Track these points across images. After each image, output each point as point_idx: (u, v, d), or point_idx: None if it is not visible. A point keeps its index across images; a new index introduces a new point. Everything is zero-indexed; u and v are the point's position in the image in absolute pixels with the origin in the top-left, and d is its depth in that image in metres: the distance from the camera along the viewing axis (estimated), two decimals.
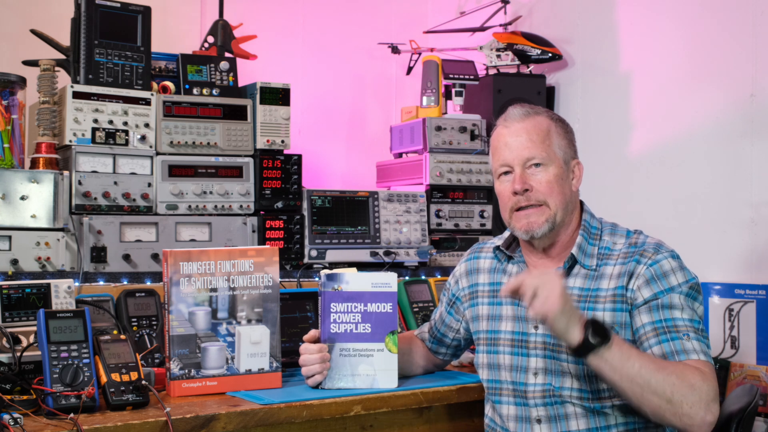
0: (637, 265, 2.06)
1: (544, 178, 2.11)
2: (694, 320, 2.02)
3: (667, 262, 2.06)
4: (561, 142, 2.15)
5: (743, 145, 3.08)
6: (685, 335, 1.99)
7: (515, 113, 2.17)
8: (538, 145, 2.12)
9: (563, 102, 3.81)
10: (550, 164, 2.12)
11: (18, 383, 2.05)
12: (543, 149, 2.12)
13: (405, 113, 3.77)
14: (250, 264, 2.26)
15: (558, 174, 2.12)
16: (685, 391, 1.88)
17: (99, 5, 2.88)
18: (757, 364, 2.94)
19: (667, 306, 2.02)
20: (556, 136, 2.14)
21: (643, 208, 3.39)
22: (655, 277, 2.05)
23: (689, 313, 2.02)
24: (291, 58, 4.04)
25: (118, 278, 2.75)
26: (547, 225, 2.11)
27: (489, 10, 3.93)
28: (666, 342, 2.00)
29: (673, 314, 2.02)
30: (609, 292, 2.08)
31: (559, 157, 2.13)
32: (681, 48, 3.32)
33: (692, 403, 1.88)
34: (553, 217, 2.12)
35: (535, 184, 2.11)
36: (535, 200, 2.12)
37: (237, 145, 3.08)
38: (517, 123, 2.15)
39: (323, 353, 2.20)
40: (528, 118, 2.15)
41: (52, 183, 2.70)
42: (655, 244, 2.11)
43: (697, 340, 2.00)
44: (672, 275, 2.05)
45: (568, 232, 2.17)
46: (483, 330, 2.26)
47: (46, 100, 2.80)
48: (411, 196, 3.34)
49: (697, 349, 1.98)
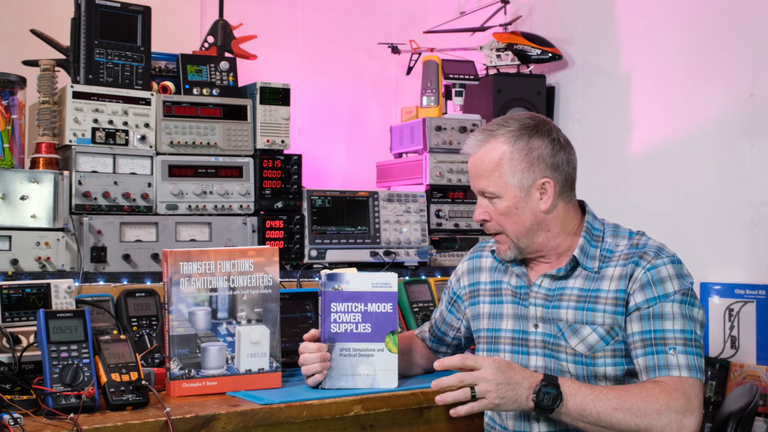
0: (636, 268, 2.06)
1: (497, 209, 2.12)
2: (687, 330, 2.00)
3: (665, 268, 2.04)
4: (516, 168, 2.08)
5: (743, 145, 3.08)
6: (672, 349, 1.98)
7: (470, 143, 2.16)
8: (487, 179, 2.11)
9: (563, 102, 3.81)
10: (501, 195, 2.11)
11: (18, 383, 2.05)
12: (491, 183, 2.11)
13: (405, 113, 3.77)
14: (250, 264, 2.26)
15: (510, 205, 2.10)
16: (651, 419, 1.91)
17: (99, 5, 2.88)
18: (757, 364, 2.94)
19: (658, 316, 2.02)
20: (508, 164, 2.08)
21: (642, 208, 3.39)
22: (651, 282, 2.04)
23: (681, 323, 2.00)
24: (291, 58, 4.04)
25: (118, 278, 2.75)
26: (510, 252, 2.15)
27: (489, 10, 3.94)
28: (651, 355, 2.00)
29: (664, 325, 2.01)
30: (610, 294, 2.08)
31: (513, 186, 2.09)
32: (681, 48, 3.32)
33: (662, 427, 1.91)
34: (514, 244, 2.14)
35: (492, 214, 2.14)
36: (492, 230, 2.16)
37: (237, 145, 3.08)
38: (472, 152, 2.15)
39: (323, 353, 2.20)
40: (481, 147, 2.13)
41: (52, 183, 2.70)
42: (657, 248, 2.09)
43: (685, 353, 1.98)
44: (669, 282, 2.03)
45: (556, 243, 2.15)
46: (484, 329, 2.27)
47: (46, 100, 2.80)
48: (411, 196, 3.34)
49: (681, 364, 1.97)
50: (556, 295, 2.14)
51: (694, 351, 1.99)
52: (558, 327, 2.11)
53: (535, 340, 2.15)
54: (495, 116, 3.48)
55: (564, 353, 2.09)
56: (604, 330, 2.06)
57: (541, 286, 2.16)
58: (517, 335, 2.18)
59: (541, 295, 2.16)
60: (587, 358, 2.07)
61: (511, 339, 2.19)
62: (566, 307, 2.11)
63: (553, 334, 2.12)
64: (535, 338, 2.15)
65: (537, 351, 2.14)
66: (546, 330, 2.13)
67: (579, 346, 2.07)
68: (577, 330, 2.08)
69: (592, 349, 2.06)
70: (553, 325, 2.12)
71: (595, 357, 2.06)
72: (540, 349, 2.14)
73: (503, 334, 2.21)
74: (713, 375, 2.99)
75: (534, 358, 2.14)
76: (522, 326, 2.18)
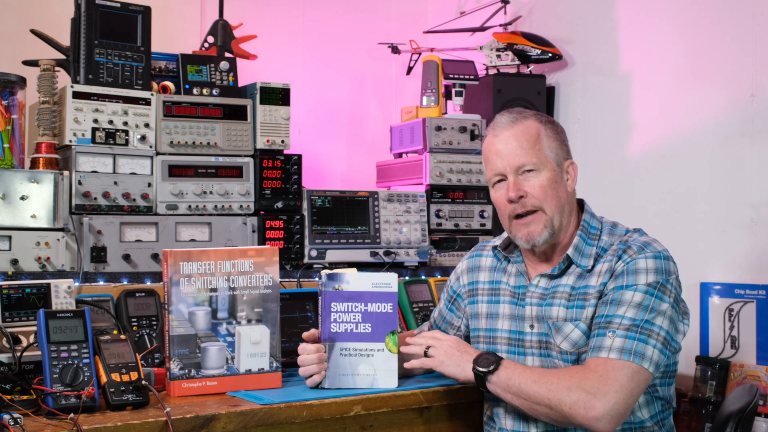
0: (618, 261, 2.07)
1: (537, 183, 2.11)
2: (638, 318, 1.97)
3: (644, 261, 2.04)
4: (552, 145, 2.14)
5: (743, 145, 3.08)
6: (612, 332, 1.98)
7: (503, 121, 2.16)
8: (528, 151, 2.11)
9: (563, 102, 3.81)
10: (542, 169, 2.11)
11: (18, 383, 2.05)
12: (533, 154, 2.11)
13: (405, 113, 3.77)
14: (250, 264, 2.26)
15: (551, 178, 2.11)
16: (561, 395, 1.94)
17: (99, 5, 2.88)
18: (757, 364, 2.94)
19: (615, 302, 2.02)
20: (546, 139, 2.13)
21: (643, 208, 3.39)
22: (624, 272, 2.04)
23: (635, 311, 1.98)
24: (291, 58, 4.04)
25: (118, 278, 2.75)
26: (546, 232, 2.12)
27: (489, 10, 3.94)
28: (593, 337, 2.02)
29: (617, 311, 2.00)
30: (595, 290, 2.08)
31: (551, 160, 2.12)
32: (681, 48, 3.32)
33: (570, 404, 1.92)
34: (551, 222, 2.12)
35: (530, 190, 2.11)
36: (531, 206, 2.12)
37: (237, 145, 3.08)
38: (505, 130, 2.15)
39: (320, 353, 2.20)
40: (516, 124, 2.14)
41: (52, 183, 2.70)
42: (644, 243, 2.09)
43: (624, 337, 1.96)
44: (643, 274, 2.02)
45: (567, 234, 2.17)
46: (482, 328, 2.28)
47: (46, 100, 2.80)
48: (411, 196, 3.34)
49: (614, 346, 1.95)
50: (550, 293, 2.15)
51: (637, 337, 1.96)
52: (548, 325, 2.12)
53: (531, 341, 2.16)
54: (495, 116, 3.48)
55: (555, 351, 2.11)
56: (585, 325, 2.07)
57: (537, 286, 2.17)
58: (514, 336, 2.19)
59: (537, 295, 2.16)
60: (572, 355, 2.08)
61: (508, 339, 2.20)
62: (558, 305, 2.12)
63: (545, 332, 2.13)
64: (530, 339, 2.16)
65: (533, 351, 2.15)
66: (540, 330, 2.14)
67: (564, 344, 2.09)
68: (561, 328, 2.09)
69: (576, 346, 2.07)
70: (545, 324, 2.13)
71: (580, 353, 2.07)
72: (536, 349, 2.15)
73: (500, 335, 2.22)
74: (713, 375, 2.99)
75: (530, 358, 2.15)
76: (518, 327, 2.19)
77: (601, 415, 1.90)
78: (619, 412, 1.91)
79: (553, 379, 1.97)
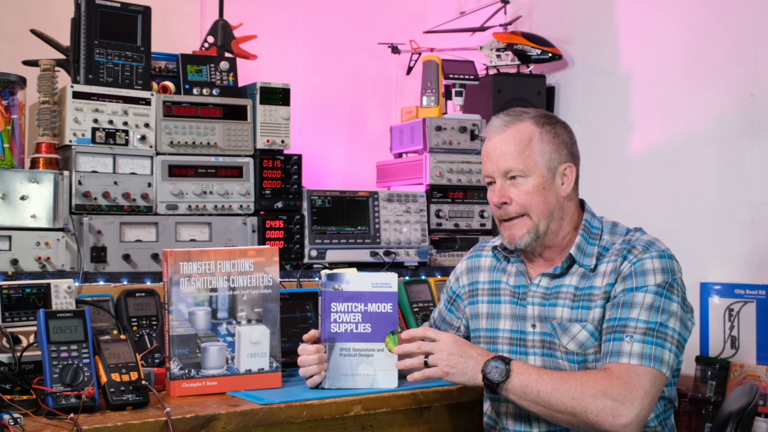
0: (624, 261, 2.07)
1: (523, 189, 2.11)
2: (652, 321, 1.98)
3: (650, 261, 2.04)
4: (545, 149, 2.11)
5: (743, 145, 3.08)
6: (629, 336, 1.97)
7: (496, 124, 2.16)
8: (516, 157, 2.10)
9: (563, 102, 3.81)
10: (529, 175, 2.10)
11: (18, 383, 2.05)
12: (521, 160, 2.10)
13: (405, 113, 3.77)
14: (250, 264, 2.26)
15: (538, 184, 2.10)
16: (587, 402, 1.91)
17: (99, 5, 2.88)
18: (757, 364, 2.94)
19: (627, 304, 2.01)
20: (538, 143, 2.11)
21: (643, 208, 3.39)
22: (633, 273, 2.04)
23: (648, 314, 1.99)
24: (291, 58, 4.04)
25: (118, 278, 2.75)
26: (528, 236, 2.13)
27: (489, 10, 3.94)
28: (609, 342, 2.00)
29: (630, 313, 2.00)
30: (601, 290, 2.08)
31: (541, 166, 2.11)
32: (681, 48, 3.32)
33: (597, 412, 1.90)
34: (535, 227, 2.12)
35: (514, 197, 2.12)
36: (514, 213, 2.13)
37: (237, 145, 3.08)
38: (497, 134, 2.14)
39: (320, 354, 2.20)
40: (508, 128, 2.13)
41: (52, 183, 2.70)
42: (647, 242, 2.09)
43: (642, 342, 1.96)
44: (651, 275, 2.03)
45: (562, 235, 2.16)
46: (483, 328, 2.27)
47: (46, 100, 2.80)
48: (411, 196, 3.34)
49: (634, 351, 1.95)
50: (552, 293, 2.14)
51: (654, 341, 1.96)
52: (552, 326, 2.12)
53: (533, 340, 2.16)
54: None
55: (559, 351, 2.10)
56: (593, 326, 2.07)
57: (539, 285, 2.17)
58: (515, 335, 2.19)
59: (539, 294, 2.16)
60: (579, 356, 2.08)
61: (509, 339, 2.20)
62: (562, 305, 2.11)
63: (549, 332, 2.13)
64: (533, 338, 2.16)
65: (535, 351, 2.15)
66: (543, 329, 2.14)
67: (570, 345, 2.08)
68: (568, 328, 2.09)
69: (583, 347, 2.07)
70: (549, 324, 2.12)
71: (587, 354, 2.07)
72: (538, 349, 2.14)
73: (501, 334, 2.22)
74: (713, 375, 2.99)
75: (533, 358, 2.15)
76: (520, 326, 2.18)
77: (629, 422, 1.89)
78: (645, 417, 1.92)
79: (576, 386, 1.93)
